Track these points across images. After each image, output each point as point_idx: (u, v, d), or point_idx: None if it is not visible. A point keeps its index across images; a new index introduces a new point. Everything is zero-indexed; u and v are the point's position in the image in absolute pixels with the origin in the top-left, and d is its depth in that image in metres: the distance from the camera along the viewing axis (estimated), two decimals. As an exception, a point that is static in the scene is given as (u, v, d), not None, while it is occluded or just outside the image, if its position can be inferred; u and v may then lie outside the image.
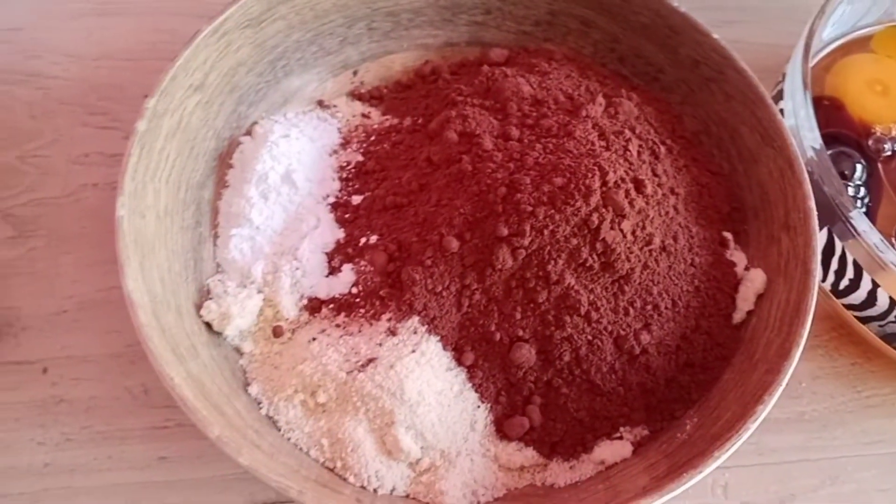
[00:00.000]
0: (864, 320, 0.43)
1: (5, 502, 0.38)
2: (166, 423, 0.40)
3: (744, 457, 0.42)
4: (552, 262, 0.35)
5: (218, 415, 0.32)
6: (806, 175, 0.38)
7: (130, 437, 0.40)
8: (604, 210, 0.35)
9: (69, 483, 0.39)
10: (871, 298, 0.41)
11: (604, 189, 0.35)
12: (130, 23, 0.51)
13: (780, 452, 0.43)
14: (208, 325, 0.37)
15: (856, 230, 0.38)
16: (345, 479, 0.35)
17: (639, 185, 0.37)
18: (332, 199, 0.41)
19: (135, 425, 0.40)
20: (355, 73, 0.47)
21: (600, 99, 0.41)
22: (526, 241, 0.35)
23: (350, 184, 0.42)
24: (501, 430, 0.37)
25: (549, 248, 0.35)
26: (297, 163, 0.41)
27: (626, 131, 0.39)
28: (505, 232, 0.35)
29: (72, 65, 0.49)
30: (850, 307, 0.43)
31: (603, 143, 0.38)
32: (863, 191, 0.45)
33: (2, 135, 0.46)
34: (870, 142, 0.47)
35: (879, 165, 0.46)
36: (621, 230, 0.35)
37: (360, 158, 0.42)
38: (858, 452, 0.43)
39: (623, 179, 0.36)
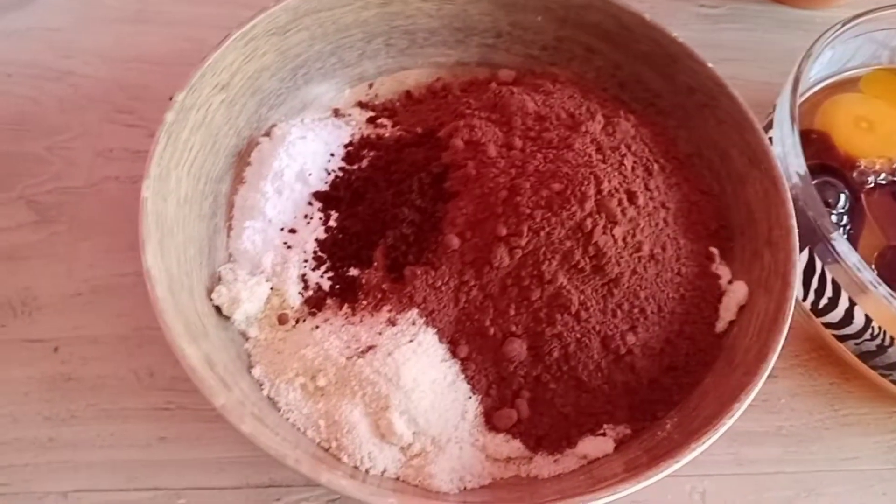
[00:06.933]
0: (842, 339, 0.44)
1: (10, 472, 0.39)
2: (168, 405, 0.41)
3: (722, 466, 0.43)
4: (546, 262, 0.37)
5: (223, 388, 0.34)
6: (789, 195, 0.40)
7: (133, 417, 0.41)
8: (597, 216, 0.37)
9: (72, 457, 0.40)
10: (848, 317, 0.42)
11: (598, 196, 0.37)
12: (164, 31, 0.54)
13: (757, 464, 0.44)
14: (217, 309, 0.39)
15: (835, 251, 0.40)
16: (339, 459, 0.35)
17: (631, 197, 0.39)
18: (341, 198, 0.43)
19: (138, 405, 0.41)
20: (371, 85, 0.49)
21: (599, 118, 0.43)
22: (523, 242, 0.37)
23: (360, 185, 0.44)
24: (490, 421, 0.37)
25: (544, 249, 0.37)
26: (311, 163, 0.43)
27: (623, 147, 0.41)
28: (504, 232, 0.37)
29: (103, 65, 0.51)
30: (828, 325, 0.44)
31: (600, 157, 0.40)
32: (845, 219, 0.47)
33: (32, 126, 0.48)
34: (854, 174, 0.49)
35: (862, 196, 0.48)
36: (613, 236, 0.37)
37: (371, 162, 0.44)
38: (834, 467, 0.44)
39: (617, 189, 0.38)
